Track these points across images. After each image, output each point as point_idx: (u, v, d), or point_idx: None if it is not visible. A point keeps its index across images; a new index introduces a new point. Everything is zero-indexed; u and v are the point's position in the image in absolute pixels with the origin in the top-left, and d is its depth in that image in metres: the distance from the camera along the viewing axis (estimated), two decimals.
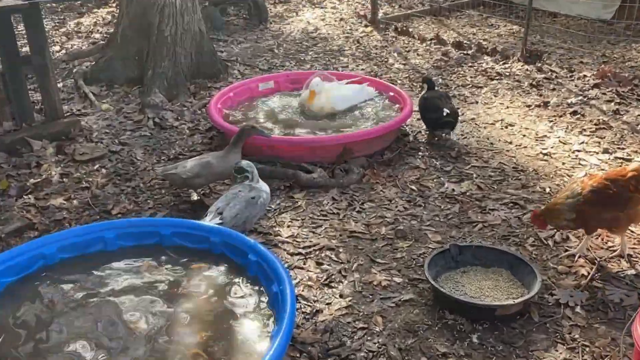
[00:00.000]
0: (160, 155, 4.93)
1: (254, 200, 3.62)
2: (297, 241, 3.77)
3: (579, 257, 3.48)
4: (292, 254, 3.64)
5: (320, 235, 3.84)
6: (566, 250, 3.58)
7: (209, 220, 3.44)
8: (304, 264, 3.55)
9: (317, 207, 4.16)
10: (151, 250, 3.32)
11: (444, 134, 5.04)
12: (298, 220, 4.01)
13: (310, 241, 3.77)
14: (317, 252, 3.66)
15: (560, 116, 5.58)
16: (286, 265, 3.52)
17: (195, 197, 4.20)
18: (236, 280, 3.11)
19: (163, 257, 3.29)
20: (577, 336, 2.98)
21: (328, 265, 3.54)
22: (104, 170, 4.61)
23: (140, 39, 6.32)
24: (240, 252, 3.22)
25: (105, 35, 7.88)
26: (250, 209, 3.60)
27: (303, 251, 3.66)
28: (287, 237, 3.80)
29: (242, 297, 3.00)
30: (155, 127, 5.43)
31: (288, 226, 3.93)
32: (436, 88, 5.37)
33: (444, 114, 4.85)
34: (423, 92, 5.23)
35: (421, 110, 5.08)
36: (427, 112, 5.02)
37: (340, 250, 3.69)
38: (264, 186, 3.76)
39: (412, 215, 4.06)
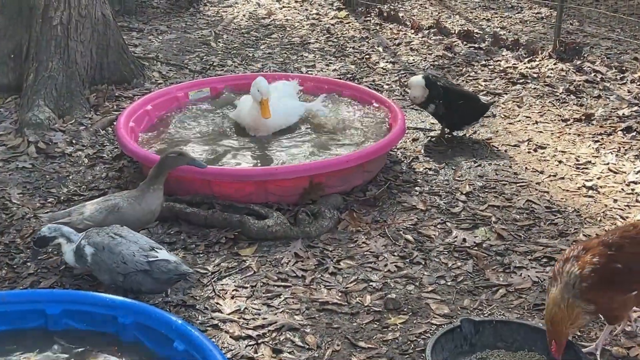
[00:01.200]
0: (46, 196, 4.85)
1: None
2: (244, 319, 3.72)
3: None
4: (237, 338, 3.59)
5: (278, 309, 3.81)
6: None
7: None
8: (256, 352, 3.51)
9: (273, 269, 4.14)
10: (32, 338, 3.26)
11: (465, 130, 5.66)
12: (246, 287, 3.97)
13: (264, 318, 3.72)
14: (274, 335, 3.61)
15: (609, 134, 5.71)
16: (229, 355, 3.47)
17: None
18: None
19: (50, 349, 3.22)
20: None
21: (290, 353, 3.51)
22: None
23: (18, 29, 6.27)
24: (161, 338, 3.17)
25: None
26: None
27: (254, 333, 3.62)
28: (230, 314, 3.76)
29: None
30: (39, 155, 5.36)
31: (232, 297, 3.89)
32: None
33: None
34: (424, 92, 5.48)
35: (461, 100, 5.52)
36: (472, 101, 5.60)
37: (307, 330, 3.65)
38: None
39: (407, 277, 4.06)
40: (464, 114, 5.59)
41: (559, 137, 5.69)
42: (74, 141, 5.55)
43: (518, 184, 5.01)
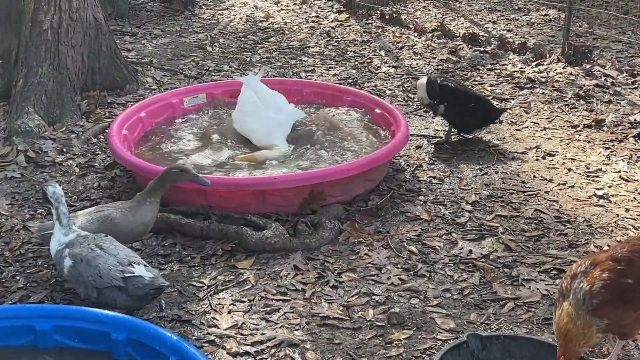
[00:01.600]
0: (36, 207, 4.86)
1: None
2: (242, 334, 3.72)
3: None
4: (235, 355, 3.58)
5: (277, 324, 3.80)
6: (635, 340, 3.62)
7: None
8: None
9: (272, 282, 4.13)
10: (21, 356, 3.25)
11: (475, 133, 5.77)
12: (244, 301, 3.97)
13: (263, 334, 3.72)
14: (273, 351, 3.61)
15: (621, 141, 5.72)
16: None
17: None
18: None
19: None
20: None
21: None
22: None
23: (7, 33, 6.29)
24: (155, 355, 3.16)
25: None
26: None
27: (252, 349, 3.61)
28: (227, 329, 3.75)
29: None
30: (29, 164, 5.37)
31: (229, 311, 3.89)
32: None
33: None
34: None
35: (473, 103, 5.59)
36: (484, 105, 5.71)
37: (308, 346, 3.65)
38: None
39: (411, 290, 4.06)
40: (476, 117, 5.66)
41: (568, 144, 5.69)
42: (64, 150, 5.56)
43: (526, 193, 5.01)
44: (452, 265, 4.27)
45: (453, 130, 5.75)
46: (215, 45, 7.83)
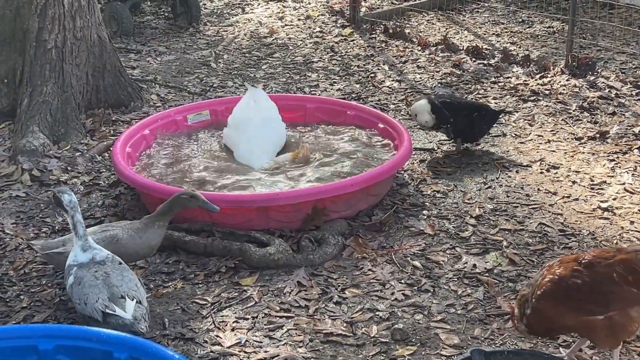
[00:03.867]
0: (41, 225, 4.87)
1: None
2: (246, 352, 3.71)
3: None
4: None
5: (280, 341, 3.79)
6: None
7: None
8: None
9: (275, 298, 4.13)
10: None
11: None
12: (247, 318, 3.97)
13: (266, 351, 3.71)
14: None
15: (625, 153, 5.70)
16: None
17: None
18: None
19: None
20: None
21: None
22: None
23: (12, 52, 6.32)
24: None
25: None
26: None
27: None
28: (230, 347, 3.75)
29: None
30: (34, 183, 5.38)
31: (232, 329, 3.88)
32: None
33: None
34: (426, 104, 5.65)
35: (476, 113, 5.69)
36: (484, 111, 5.79)
37: None
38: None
39: (415, 306, 4.05)
40: (481, 125, 5.75)
41: (572, 157, 5.68)
42: (69, 168, 5.57)
43: (530, 206, 5.00)
44: (456, 280, 4.26)
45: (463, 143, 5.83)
46: (219, 62, 7.85)
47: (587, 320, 3.24)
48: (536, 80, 7.10)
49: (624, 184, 5.25)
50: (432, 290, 4.17)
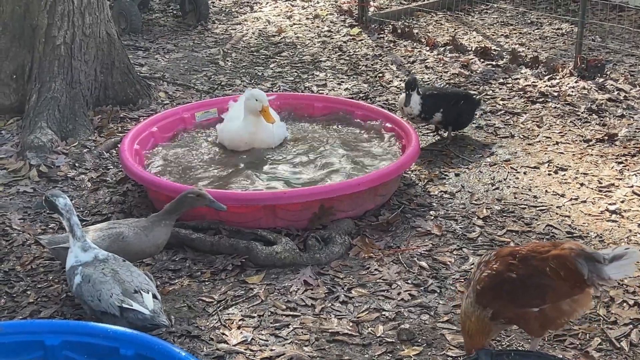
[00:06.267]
0: (48, 221, 4.88)
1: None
2: (251, 350, 3.72)
3: None
4: None
5: (286, 340, 3.80)
6: None
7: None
8: None
9: (281, 297, 4.13)
10: None
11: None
12: (254, 317, 3.97)
13: (272, 350, 3.72)
14: None
15: (634, 155, 5.68)
16: None
17: None
18: None
19: None
20: None
21: None
22: None
23: (21, 49, 6.34)
24: None
25: None
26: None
27: None
28: (236, 345, 3.75)
29: None
30: (41, 179, 5.39)
31: (239, 327, 3.89)
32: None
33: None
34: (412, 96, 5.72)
35: (462, 101, 5.90)
36: (469, 98, 6.04)
37: None
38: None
39: (422, 306, 4.05)
40: (469, 111, 6.01)
41: (580, 159, 5.67)
42: (77, 164, 5.58)
43: (538, 208, 4.99)
44: (462, 280, 4.25)
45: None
46: (227, 60, 7.86)
47: (523, 312, 3.30)
48: (545, 82, 7.08)
49: (632, 186, 5.23)
50: (438, 291, 4.17)
